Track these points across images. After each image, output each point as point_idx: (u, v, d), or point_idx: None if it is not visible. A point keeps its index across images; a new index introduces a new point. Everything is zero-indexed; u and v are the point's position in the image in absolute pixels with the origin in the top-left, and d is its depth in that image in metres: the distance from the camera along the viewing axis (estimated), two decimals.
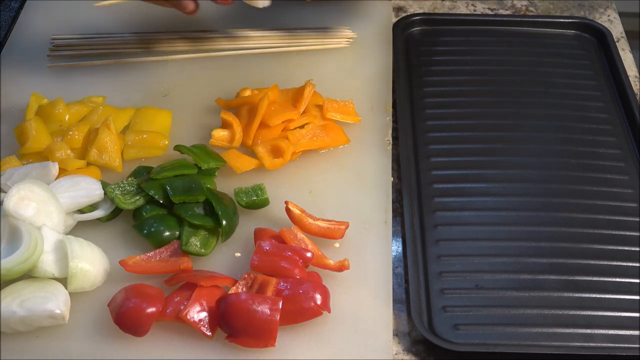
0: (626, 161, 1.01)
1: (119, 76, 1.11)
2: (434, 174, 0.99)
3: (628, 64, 1.16)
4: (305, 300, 0.79)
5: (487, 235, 0.92)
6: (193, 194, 0.89)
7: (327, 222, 0.90)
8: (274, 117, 0.98)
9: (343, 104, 1.03)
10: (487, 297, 0.86)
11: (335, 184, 0.96)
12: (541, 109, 1.09)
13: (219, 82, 1.10)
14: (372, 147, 1.01)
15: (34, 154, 0.97)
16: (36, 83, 1.09)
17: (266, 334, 0.78)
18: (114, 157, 0.96)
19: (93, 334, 0.81)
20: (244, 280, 0.83)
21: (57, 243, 0.83)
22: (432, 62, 1.16)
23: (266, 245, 0.85)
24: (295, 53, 1.15)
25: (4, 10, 1.22)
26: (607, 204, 0.96)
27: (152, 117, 1.02)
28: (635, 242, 0.92)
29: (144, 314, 0.78)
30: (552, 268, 0.89)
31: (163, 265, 0.85)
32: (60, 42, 1.15)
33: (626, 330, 0.83)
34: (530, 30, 1.21)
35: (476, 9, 1.27)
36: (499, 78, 1.13)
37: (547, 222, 0.94)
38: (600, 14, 1.26)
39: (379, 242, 0.90)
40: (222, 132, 0.99)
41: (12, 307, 0.78)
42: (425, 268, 0.89)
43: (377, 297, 0.84)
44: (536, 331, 0.83)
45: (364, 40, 1.17)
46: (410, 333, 0.84)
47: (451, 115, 1.08)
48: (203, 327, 0.79)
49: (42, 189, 0.86)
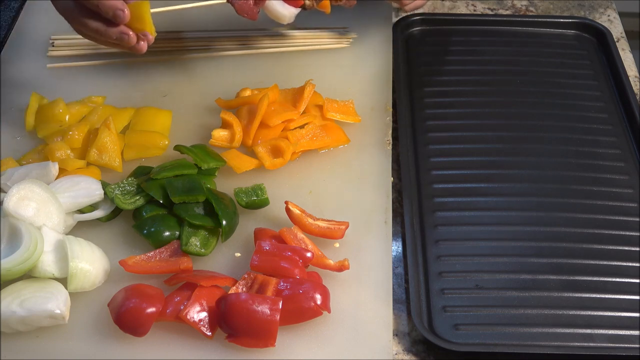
0: (626, 161, 1.01)
1: (119, 76, 1.11)
2: (434, 174, 0.99)
3: (628, 64, 1.16)
4: (305, 300, 0.79)
5: (487, 235, 0.92)
6: (193, 194, 0.89)
7: (327, 222, 0.90)
8: (274, 117, 0.98)
9: (343, 104, 1.03)
10: (487, 297, 0.86)
11: (335, 184, 0.96)
12: (541, 109, 1.09)
13: (219, 82, 1.10)
14: (372, 147, 1.01)
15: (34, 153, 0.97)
16: (36, 83, 1.09)
17: (266, 334, 0.78)
18: (114, 157, 0.96)
19: (93, 334, 0.81)
20: (244, 280, 0.83)
21: (57, 243, 0.83)
22: (432, 62, 1.16)
23: (266, 245, 0.85)
24: (295, 53, 1.15)
25: (4, 10, 1.22)
26: (607, 204, 0.96)
27: (152, 117, 1.02)
28: (635, 242, 0.92)
29: (144, 314, 0.78)
30: (552, 268, 0.89)
31: (163, 265, 0.85)
32: (60, 42, 1.15)
33: (626, 330, 0.83)
34: (530, 30, 1.21)
35: (476, 9, 1.27)
36: (499, 78, 1.13)
37: (547, 222, 0.94)
38: (600, 14, 1.26)
39: (379, 242, 0.90)
40: (222, 132, 0.99)
41: (12, 307, 0.78)
42: (425, 268, 0.89)
43: (377, 297, 0.84)
44: (536, 331, 0.83)
45: (364, 40, 1.17)
46: (410, 333, 0.84)
47: (451, 115, 1.08)
48: (203, 327, 0.79)
49: (42, 189, 0.86)
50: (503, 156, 1.02)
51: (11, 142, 1.01)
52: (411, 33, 1.21)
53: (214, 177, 0.95)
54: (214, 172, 0.95)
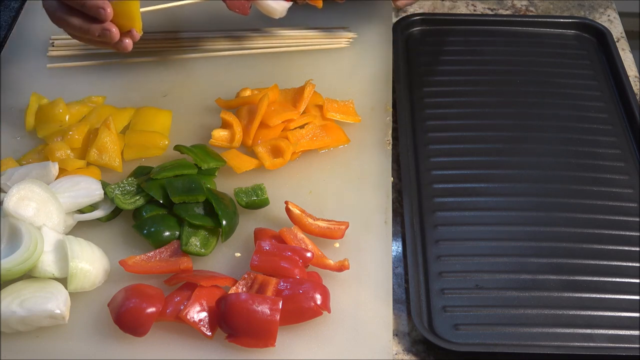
0: (626, 161, 1.01)
1: (119, 76, 1.11)
2: (434, 174, 0.99)
3: (628, 64, 1.16)
4: (305, 300, 0.79)
5: (487, 235, 0.92)
6: (193, 194, 0.89)
7: (327, 222, 0.90)
8: (274, 117, 0.98)
9: (343, 104, 1.03)
10: (487, 297, 0.86)
11: (335, 184, 0.96)
12: (541, 109, 1.09)
13: (219, 82, 1.10)
14: (372, 147, 1.01)
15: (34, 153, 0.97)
16: (36, 83, 1.09)
17: (266, 334, 0.78)
18: (114, 157, 0.96)
19: (93, 334, 0.81)
20: (244, 280, 0.83)
21: (57, 243, 0.83)
22: (432, 62, 1.16)
23: (266, 245, 0.85)
24: (295, 53, 1.15)
25: (4, 10, 1.22)
26: (607, 204, 0.96)
27: (152, 117, 1.02)
28: (635, 242, 0.92)
29: (144, 314, 0.78)
30: (552, 268, 0.89)
31: (163, 265, 0.85)
32: (60, 42, 1.14)
33: (626, 330, 0.83)
34: (530, 30, 1.21)
35: (476, 9, 1.27)
36: (499, 78, 1.13)
37: (547, 222, 0.94)
38: (600, 14, 1.26)
39: (379, 242, 0.90)
40: (222, 132, 0.99)
41: (12, 307, 0.78)
42: (425, 268, 0.89)
43: (377, 297, 0.84)
44: (536, 331, 0.83)
45: (364, 40, 1.17)
46: (410, 333, 0.84)
47: (451, 115, 1.08)
48: (203, 327, 0.79)
49: (42, 189, 0.86)
50: (503, 156, 1.02)
51: (11, 142, 1.01)
52: (411, 33, 1.21)
53: (214, 177, 0.95)
54: (214, 172, 0.95)
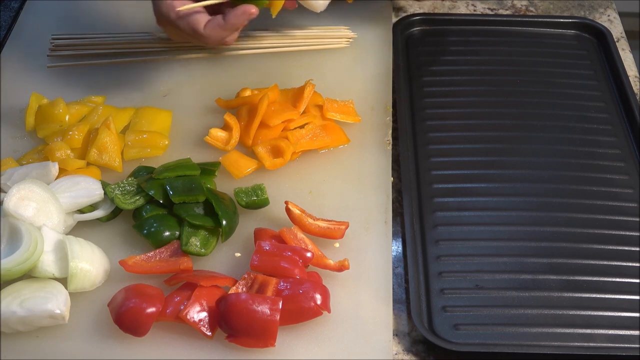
0: (626, 161, 1.01)
1: (119, 76, 1.11)
2: (434, 174, 0.99)
3: (628, 64, 1.16)
4: (305, 300, 0.79)
5: (487, 235, 0.92)
6: (193, 194, 0.89)
7: (327, 222, 0.90)
8: (274, 117, 0.98)
9: (343, 104, 1.03)
10: (487, 297, 0.86)
11: (335, 184, 0.96)
12: (541, 109, 1.09)
13: (219, 82, 1.10)
14: (372, 147, 1.01)
15: (34, 153, 0.97)
16: (36, 83, 1.09)
17: (266, 334, 0.78)
18: (114, 157, 0.96)
19: (93, 334, 0.81)
20: (244, 280, 0.83)
21: (57, 243, 0.83)
22: (432, 62, 1.16)
23: (266, 245, 0.85)
24: (295, 53, 1.15)
25: (4, 10, 1.22)
26: (607, 204, 0.96)
27: (152, 117, 1.02)
28: (635, 242, 0.92)
29: (144, 314, 0.78)
30: (552, 268, 0.89)
31: (163, 265, 0.85)
32: (60, 42, 1.14)
33: (626, 330, 0.83)
34: (530, 30, 1.21)
35: (476, 9, 1.27)
36: (499, 78, 1.13)
37: (547, 222, 0.94)
38: (600, 14, 1.26)
39: (379, 242, 0.90)
40: (219, 132, 0.99)
41: (12, 307, 0.78)
42: (425, 268, 0.89)
43: (377, 297, 0.84)
44: (536, 331, 0.83)
45: (364, 40, 1.17)
46: (410, 333, 0.84)
47: (451, 115, 1.08)
48: (203, 327, 0.79)
49: (42, 189, 0.86)
50: (503, 156, 1.02)
51: (11, 142, 1.01)
52: (411, 33, 1.21)
53: (214, 177, 0.95)
54: (214, 172, 0.95)
